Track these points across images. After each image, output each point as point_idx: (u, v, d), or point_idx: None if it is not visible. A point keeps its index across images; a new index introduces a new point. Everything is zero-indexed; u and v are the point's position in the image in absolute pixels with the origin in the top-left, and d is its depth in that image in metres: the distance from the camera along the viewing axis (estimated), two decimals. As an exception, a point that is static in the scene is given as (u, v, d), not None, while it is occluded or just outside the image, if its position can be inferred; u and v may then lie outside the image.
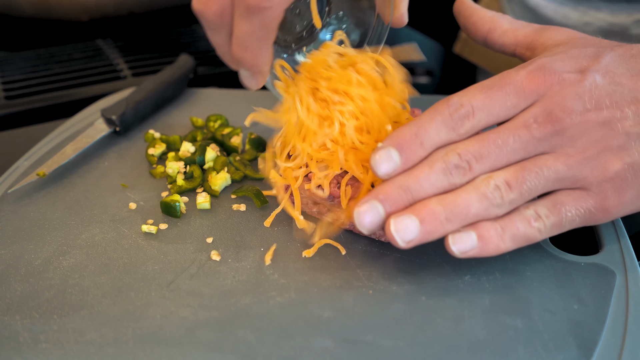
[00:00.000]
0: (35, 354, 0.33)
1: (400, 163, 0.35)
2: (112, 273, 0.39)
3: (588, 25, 0.68)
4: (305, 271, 0.39)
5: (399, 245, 0.35)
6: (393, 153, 0.35)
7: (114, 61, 0.78)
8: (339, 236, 0.43)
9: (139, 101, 0.57)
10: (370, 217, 0.35)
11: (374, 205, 0.35)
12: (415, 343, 0.34)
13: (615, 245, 0.41)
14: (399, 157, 0.35)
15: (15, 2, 0.84)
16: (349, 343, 0.34)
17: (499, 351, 0.33)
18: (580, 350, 0.33)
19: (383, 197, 0.35)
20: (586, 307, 0.36)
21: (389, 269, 0.39)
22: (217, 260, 0.40)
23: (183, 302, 0.37)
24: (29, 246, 0.42)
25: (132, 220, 0.45)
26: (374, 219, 0.35)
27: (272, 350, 0.33)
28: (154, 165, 0.52)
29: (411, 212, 0.34)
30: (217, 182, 0.48)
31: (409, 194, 0.35)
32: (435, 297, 0.37)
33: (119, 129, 0.56)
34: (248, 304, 0.37)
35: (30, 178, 0.48)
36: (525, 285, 0.38)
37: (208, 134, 0.55)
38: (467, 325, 0.35)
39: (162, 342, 0.34)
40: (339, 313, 0.36)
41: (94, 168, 0.52)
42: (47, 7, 0.85)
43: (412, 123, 0.36)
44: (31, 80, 0.71)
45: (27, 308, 0.37)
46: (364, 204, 0.35)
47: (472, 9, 0.47)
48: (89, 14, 0.86)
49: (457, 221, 0.35)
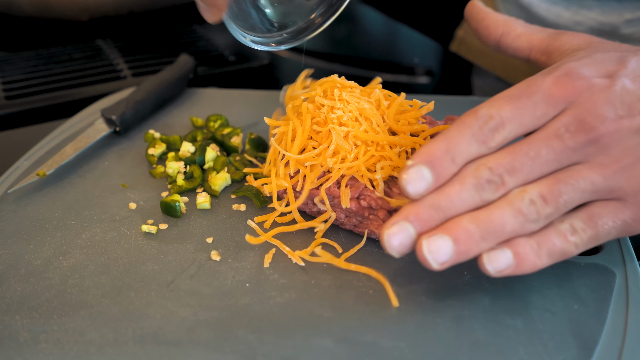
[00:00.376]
0: (35, 354, 0.33)
1: (432, 181, 0.33)
2: (112, 273, 0.39)
3: (579, 25, 0.69)
4: (305, 271, 0.39)
5: (432, 267, 0.33)
6: (424, 171, 0.33)
7: (114, 61, 0.78)
8: (339, 236, 0.43)
9: (139, 101, 0.58)
10: (400, 239, 0.33)
11: (403, 226, 0.33)
12: (415, 343, 0.34)
13: (615, 245, 0.41)
14: (431, 174, 0.33)
15: (16, 2, 0.84)
16: (349, 343, 0.34)
17: (499, 351, 0.33)
18: (580, 350, 0.33)
19: (413, 218, 0.33)
20: (586, 307, 0.36)
21: (389, 268, 0.39)
22: (217, 260, 0.40)
23: (183, 302, 0.37)
24: (29, 246, 0.42)
25: (132, 220, 0.45)
26: (404, 240, 0.33)
27: (272, 350, 0.33)
28: (154, 165, 0.52)
29: (444, 231, 0.33)
30: (217, 182, 0.48)
31: (440, 213, 0.33)
32: (435, 297, 0.37)
33: (119, 129, 0.56)
34: (248, 304, 0.37)
35: (30, 178, 0.48)
36: (525, 285, 0.38)
37: (208, 134, 0.55)
38: (467, 325, 0.35)
39: (162, 342, 0.34)
40: (339, 313, 0.36)
41: (94, 168, 0.52)
42: (47, 6, 0.85)
43: (440, 138, 0.34)
44: (31, 80, 0.71)
45: (27, 308, 0.37)
46: (393, 225, 0.33)
47: (485, 12, 0.46)
48: (89, 14, 0.86)
49: (492, 239, 0.33)
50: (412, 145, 0.43)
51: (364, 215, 0.41)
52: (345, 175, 0.41)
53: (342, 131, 0.42)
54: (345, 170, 0.41)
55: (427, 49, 0.88)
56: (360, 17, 1.05)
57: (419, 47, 0.90)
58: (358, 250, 0.41)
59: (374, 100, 0.45)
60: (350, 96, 0.44)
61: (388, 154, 0.41)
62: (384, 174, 0.41)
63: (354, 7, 1.07)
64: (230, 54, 0.79)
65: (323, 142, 0.42)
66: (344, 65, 0.83)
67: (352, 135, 0.42)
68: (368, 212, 0.41)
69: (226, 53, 0.79)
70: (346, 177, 0.41)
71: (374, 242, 0.42)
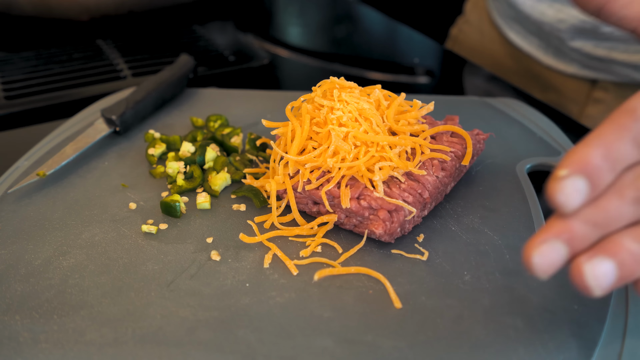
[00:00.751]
0: (35, 354, 0.33)
1: (588, 193, 0.28)
2: (112, 273, 0.39)
3: (562, 22, 0.71)
4: (305, 271, 0.39)
5: (594, 293, 0.29)
6: (579, 183, 0.28)
7: (114, 61, 0.78)
8: (339, 236, 0.43)
9: (139, 101, 0.58)
10: (551, 259, 0.29)
11: (555, 246, 0.29)
12: (415, 343, 0.34)
13: (615, 245, 0.41)
14: (586, 185, 0.28)
15: (16, 2, 0.84)
16: (349, 343, 0.34)
17: (499, 351, 0.33)
18: (580, 350, 0.33)
19: (567, 236, 0.29)
20: (586, 307, 0.36)
21: (389, 268, 0.39)
22: (217, 260, 0.40)
23: (183, 302, 0.37)
24: (29, 246, 0.42)
25: (132, 220, 0.45)
26: (555, 261, 0.29)
27: (272, 350, 0.33)
28: (154, 165, 0.52)
29: (605, 253, 0.28)
30: (217, 182, 0.48)
31: (596, 231, 0.29)
32: (435, 297, 0.37)
33: (119, 129, 0.56)
34: (248, 304, 0.37)
35: (30, 178, 0.48)
36: (525, 285, 0.38)
37: (208, 134, 0.55)
38: (467, 325, 0.35)
39: (162, 342, 0.34)
40: (339, 313, 0.36)
41: (94, 168, 0.52)
42: (47, 6, 0.85)
43: (595, 142, 0.29)
44: (31, 80, 0.71)
45: (27, 308, 0.37)
46: (542, 244, 0.29)
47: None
48: (89, 14, 0.86)
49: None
50: (412, 145, 0.43)
51: (364, 215, 0.41)
52: (346, 175, 0.41)
53: (342, 132, 0.42)
54: (345, 170, 0.41)
55: (427, 49, 0.88)
56: (360, 17, 1.05)
57: (419, 47, 0.90)
58: (358, 250, 0.41)
59: (373, 101, 0.45)
60: (349, 96, 0.44)
61: (388, 154, 0.41)
62: (384, 175, 0.41)
63: (354, 7, 1.07)
64: (230, 54, 0.79)
65: (323, 143, 0.42)
66: (344, 65, 0.83)
67: (351, 135, 0.42)
68: (368, 212, 0.41)
69: (226, 53, 0.79)
70: (346, 177, 0.41)
71: (374, 242, 0.42)
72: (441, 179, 0.43)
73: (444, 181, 0.43)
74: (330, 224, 0.42)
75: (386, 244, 0.42)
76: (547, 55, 0.76)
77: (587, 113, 0.75)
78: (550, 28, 0.72)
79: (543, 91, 0.79)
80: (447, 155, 0.44)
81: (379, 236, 0.41)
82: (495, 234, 0.42)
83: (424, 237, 0.42)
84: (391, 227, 0.40)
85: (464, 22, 0.91)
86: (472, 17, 0.89)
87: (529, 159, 0.51)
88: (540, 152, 0.52)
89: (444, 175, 0.43)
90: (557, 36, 0.72)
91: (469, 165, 0.47)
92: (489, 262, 0.40)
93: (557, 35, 0.72)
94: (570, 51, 0.73)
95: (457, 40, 0.92)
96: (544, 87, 0.79)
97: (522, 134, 0.56)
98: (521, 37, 0.79)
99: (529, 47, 0.78)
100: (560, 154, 0.52)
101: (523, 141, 0.54)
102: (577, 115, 0.76)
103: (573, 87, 0.76)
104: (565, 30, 0.42)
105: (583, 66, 0.73)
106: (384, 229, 0.40)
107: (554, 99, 0.78)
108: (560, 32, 0.71)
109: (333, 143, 0.41)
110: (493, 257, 0.40)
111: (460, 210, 0.45)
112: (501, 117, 0.59)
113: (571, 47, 0.72)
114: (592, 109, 0.74)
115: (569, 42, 0.71)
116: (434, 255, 0.40)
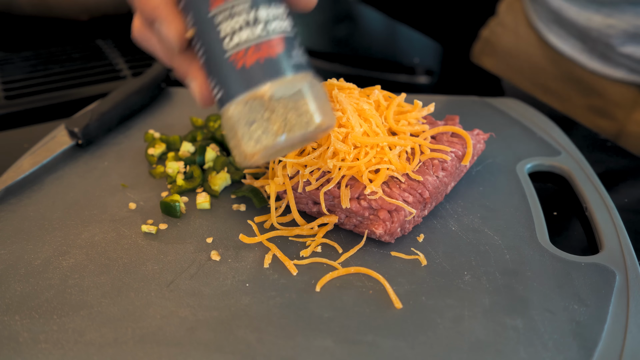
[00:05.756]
0: (35, 354, 0.33)
1: None
2: (112, 273, 0.39)
3: (611, 28, 0.68)
4: (305, 271, 0.39)
5: None
6: None
7: (114, 61, 0.77)
8: (339, 236, 0.43)
9: (104, 113, 0.55)
10: None
11: None
12: (415, 343, 0.34)
13: (616, 245, 0.41)
14: None
15: (15, 1, 0.84)
16: (349, 343, 0.34)
17: (499, 351, 0.33)
18: (580, 351, 0.33)
19: None
20: (586, 307, 0.36)
21: (389, 268, 0.39)
22: (217, 260, 0.40)
23: (183, 302, 0.37)
24: (29, 246, 0.42)
25: (132, 220, 0.45)
26: None
27: (272, 350, 0.33)
28: (153, 165, 0.52)
29: None
30: (217, 182, 0.48)
31: None
32: (435, 297, 0.37)
33: (82, 142, 0.53)
34: (248, 304, 0.37)
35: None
36: (525, 285, 0.38)
37: (208, 134, 0.55)
38: (467, 325, 0.35)
39: (162, 342, 0.34)
40: (339, 313, 0.36)
41: (94, 168, 0.52)
42: (47, 6, 0.85)
43: None
44: (31, 80, 0.71)
45: (27, 308, 0.37)
46: None
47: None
48: (89, 14, 0.86)
49: None
50: (412, 145, 0.43)
51: (364, 215, 0.41)
52: (345, 175, 0.41)
53: (342, 133, 0.41)
54: (345, 170, 0.41)
55: (427, 49, 0.88)
56: (360, 17, 1.05)
57: (419, 47, 0.90)
58: (358, 250, 0.41)
59: (373, 101, 0.45)
60: (349, 97, 0.44)
61: (387, 155, 0.41)
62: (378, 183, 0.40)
63: (354, 7, 1.07)
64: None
65: (323, 144, 0.42)
66: (344, 65, 0.83)
67: (351, 136, 0.42)
68: (368, 212, 0.41)
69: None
70: (346, 178, 0.41)
71: (374, 242, 0.42)
72: (441, 179, 0.43)
73: (444, 181, 0.43)
74: (331, 224, 0.42)
75: (386, 244, 0.41)
76: (592, 59, 0.73)
77: (635, 118, 0.72)
78: (599, 34, 0.69)
79: (585, 96, 0.76)
80: (447, 155, 0.44)
81: (379, 236, 0.41)
82: (495, 234, 0.42)
83: (424, 237, 0.42)
84: (391, 227, 0.40)
85: (497, 24, 0.87)
86: (507, 18, 0.85)
87: (529, 159, 0.51)
88: (540, 152, 0.52)
89: (444, 175, 0.43)
90: (605, 42, 0.69)
91: (469, 165, 0.47)
92: (489, 262, 0.40)
93: (606, 41, 0.69)
94: (618, 56, 0.70)
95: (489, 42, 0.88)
96: (587, 91, 0.76)
97: (522, 134, 0.56)
98: (562, 41, 0.75)
99: (572, 51, 0.75)
100: (560, 154, 0.52)
101: (523, 141, 0.54)
102: (624, 120, 0.73)
103: (620, 92, 0.73)
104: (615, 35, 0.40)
105: (631, 71, 0.71)
106: (384, 229, 0.40)
107: (598, 103, 0.75)
108: (609, 37, 0.68)
109: (332, 144, 0.41)
110: (493, 257, 0.40)
111: (460, 210, 0.45)
112: (501, 117, 0.59)
113: (621, 53, 0.69)
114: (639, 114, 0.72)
115: (619, 47, 0.69)
116: (434, 255, 0.40)
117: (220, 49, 0.31)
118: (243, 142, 0.32)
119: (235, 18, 0.31)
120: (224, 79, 0.31)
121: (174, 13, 0.32)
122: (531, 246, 0.41)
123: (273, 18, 0.31)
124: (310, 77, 0.32)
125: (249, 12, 0.31)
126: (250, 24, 0.31)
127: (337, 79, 0.46)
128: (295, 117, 0.31)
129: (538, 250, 0.41)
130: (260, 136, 0.31)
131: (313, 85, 0.32)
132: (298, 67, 0.32)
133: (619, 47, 0.69)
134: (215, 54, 0.31)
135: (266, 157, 0.32)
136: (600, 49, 0.71)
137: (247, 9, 0.31)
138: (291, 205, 0.42)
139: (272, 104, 0.31)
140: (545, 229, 0.43)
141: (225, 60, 0.31)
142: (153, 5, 0.32)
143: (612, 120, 0.74)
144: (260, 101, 0.31)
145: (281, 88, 0.31)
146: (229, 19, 0.31)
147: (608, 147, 0.57)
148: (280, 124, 0.31)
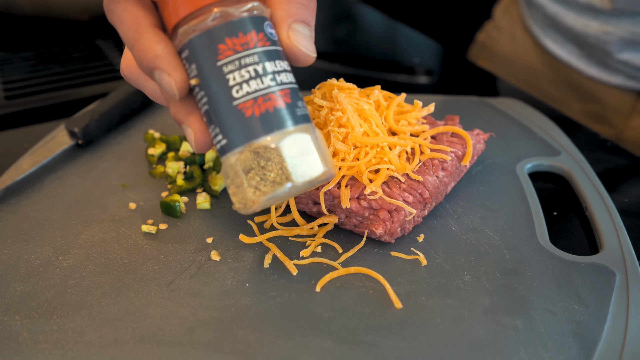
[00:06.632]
0: (35, 354, 0.33)
1: None
2: (112, 273, 0.39)
3: (608, 35, 0.68)
4: (305, 271, 0.39)
5: None
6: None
7: (114, 61, 0.77)
8: (339, 236, 0.43)
9: (105, 112, 0.55)
10: None
11: None
12: (415, 343, 0.34)
13: (616, 245, 0.41)
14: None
15: (15, 1, 0.84)
16: (349, 343, 0.34)
17: (499, 351, 0.33)
18: (580, 351, 0.33)
19: None
20: (586, 307, 0.36)
21: (389, 268, 0.39)
22: (217, 260, 0.40)
23: (183, 302, 0.37)
24: (29, 246, 0.42)
25: (132, 220, 0.45)
26: None
27: (272, 350, 0.33)
28: (153, 165, 0.52)
29: None
30: (217, 182, 0.48)
31: None
32: (435, 297, 0.37)
33: (82, 142, 0.54)
34: (248, 304, 0.37)
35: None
36: (525, 285, 0.38)
37: (208, 134, 0.55)
38: (467, 325, 0.35)
39: (162, 342, 0.34)
40: (339, 313, 0.36)
41: (94, 168, 0.52)
42: (47, 6, 0.85)
43: None
44: (31, 80, 0.71)
45: (27, 308, 0.37)
46: None
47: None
48: (89, 14, 0.86)
49: None
50: (412, 145, 0.43)
51: (364, 215, 0.41)
52: (346, 175, 0.41)
53: (342, 133, 0.42)
54: (345, 170, 0.41)
55: (427, 49, 0.88)
56: (360, 17, 1.05)
57: (419, 47, 0.90)
58: (358, 250, 0.41)
59: (373, 102, 0.45)
60: (349, 97, 0.44)
61: (387, 155, 0.41)
62: (377, 184, 0.40)
63: (354, 7, 1.07)
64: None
65: None
66: (344, 65, 0.83)
67: (351, 137, 0.42)
68: (368, 212, 0.41)
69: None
70: (346, 178, 0.41)
71: (374, 242, 0.42)
72: (441, 179, 0.43)
73: (444, 181, 0.43)
74: (331, 224, 0.42)
75: (386, 244, 0.42)
76: (590, 65, 0.73)
77: (632, 125, 0.72)
78: (596, 40, 0.69)
79: (583, 102, 0.75)
80: (447, 155, 0.44)
81: (379, 236, 0.41)
82: (495, 234, 0.42)
83: (424, 237, 0.42)
84: (391, 227, 0.40)
85: (493, 28, 0.87)
86: (503, 22, 0.85)
87: (529, 159, 0.51)
88: (540, 152, 0.52)
89: (444, 175, 0.43)
90: (602, 48, 0.69)
91: (469, 165, 0.47)
92: (489, 262, 0.40)
93: (603, 47, 0.69)
94: (616, 63, 0.70)
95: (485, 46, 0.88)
96: (584, 97, 0.75)
97: (522, 134, 0.56)
98: (559, 46, 0.75)
99: (569, 57, 0.74)
100: (560, 154, 0.52)
101: (523, 141, 0.54)
102: (621, 126, 0.73)
103: (617, 98, 0.73)
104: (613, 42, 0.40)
105: (629, 77, 0.70)
106: (384, 229, 0.40)
107: (595, 109, 0.75)
108: (606, 44, 0.68)
109: (332, 144, 0.41)
110: (493, 257, 0.40)
111: (460, 210, 0.45)
112: (501, 117, 0.59)
113: (618, 59, 0.69)
114: (637, 120, 0.72)
115: (617, 54, 0.69)
116: (434, 255, 0.40)
117: (228, 97, 0.31)
118: (245, 190, 0.32)
119: (245, 68, 0.31)
120: (229, 127, 0.32)
121: (177, 62, 0.31)
122: (531, 246, 0.41)
123: (281, 70, 0.32)
124: (312, 128, 0.33)
125: (259, 63, 0.31)
126: (260, 74, 0.31)
127: (337, 79, 0.46)
128: (299, 167, 0.32)
129: (538, 250, 0.41)
130: (262, 184, 0.32)
131: (316, 136, 0.33)
132: (302, 118, 0.32)
133: (616, 54, 0.69)
134: (222, 102, 0.31)
135: (266, 204, 0.33)
136: (598, 55, 0.71)
137: (256, 60, 0.31)
138: (291, 205, 0.42)
139: (277, 153, 0.31)
140: (545, 229, 0.43)
141: (234, 108, 0.31)
142: (154, 54, 0.31)
143: (610, 127, 0.74)
144: (265, 150, 0.31)
145: (287, 138, 0.31)
146: (238, 69, 0.31)
147: (608, 147, 0.57)
148: (283, 173, 0.31)
